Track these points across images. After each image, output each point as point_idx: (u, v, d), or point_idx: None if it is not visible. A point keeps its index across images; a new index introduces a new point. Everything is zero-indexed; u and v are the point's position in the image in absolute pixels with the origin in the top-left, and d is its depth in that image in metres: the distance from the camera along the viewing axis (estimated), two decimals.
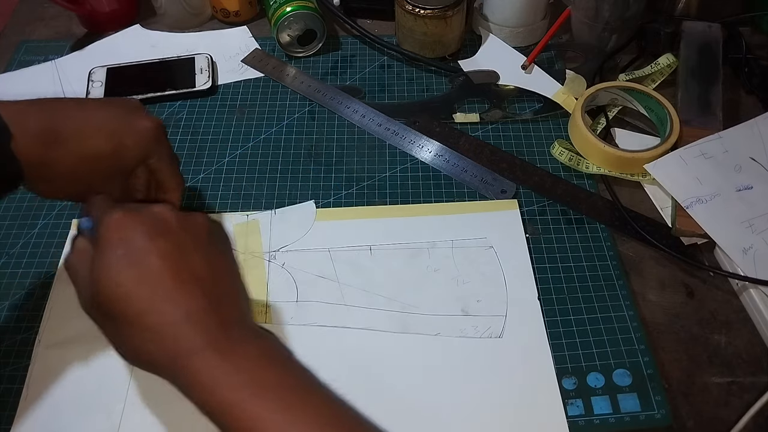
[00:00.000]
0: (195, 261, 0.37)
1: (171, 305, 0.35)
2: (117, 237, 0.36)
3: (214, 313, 0.35)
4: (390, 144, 0.60)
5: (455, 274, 0.50)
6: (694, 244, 0.52)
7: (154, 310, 0.34)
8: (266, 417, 0.33)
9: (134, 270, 0.35)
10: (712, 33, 0.63)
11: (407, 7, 0.64)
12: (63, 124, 0.41)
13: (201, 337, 0.34)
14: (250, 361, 0.35)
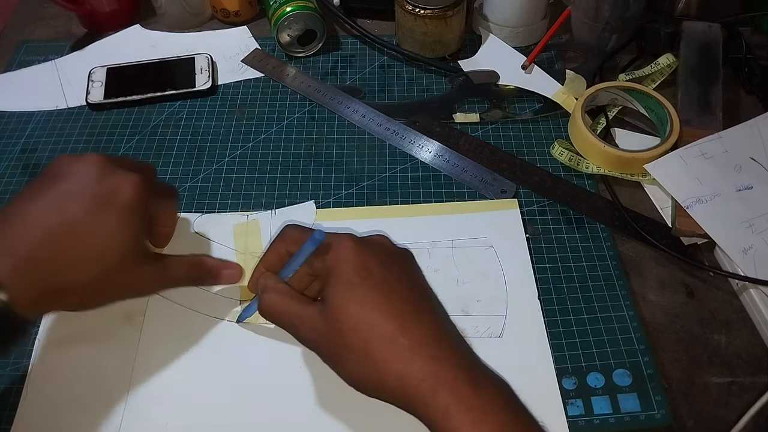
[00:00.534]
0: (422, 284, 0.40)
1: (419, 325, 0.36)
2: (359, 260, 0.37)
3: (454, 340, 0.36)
4: (390, 144, 0.60)
5: (455, 274, 0.50)
6: (694, 244, 0.52)
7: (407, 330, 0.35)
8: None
9: (380, 291, 0.36)
10: (712, 33, 0.63)
11: (407, 7, 0.64)
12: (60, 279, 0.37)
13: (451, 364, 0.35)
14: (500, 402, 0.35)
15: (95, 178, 0.39)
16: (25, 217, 0.37)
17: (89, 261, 0.38)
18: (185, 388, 0.45)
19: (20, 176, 0.58)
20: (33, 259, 0.36)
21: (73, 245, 0.37)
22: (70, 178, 0.39)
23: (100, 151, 0.60)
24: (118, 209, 0.39)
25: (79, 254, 0.37)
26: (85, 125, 0.63)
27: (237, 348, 0.47)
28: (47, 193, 0.38)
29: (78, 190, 0.38)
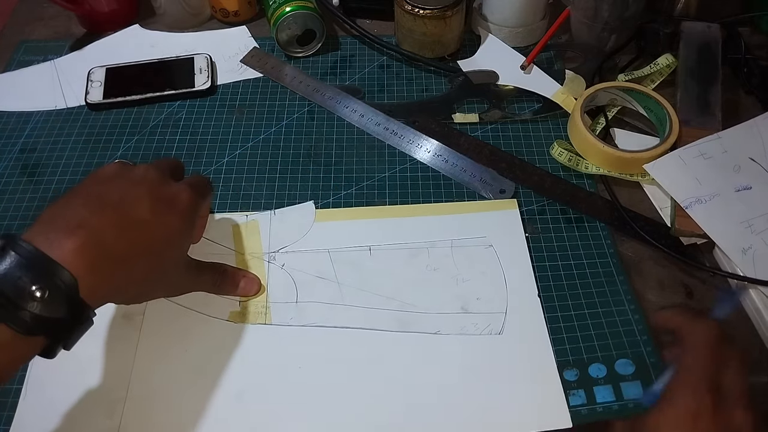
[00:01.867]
0: None
1: None
2: None
3: None
4: (389, 144, 0.60)
5: (455, 273, 0.50)
6: (693, 244, 0.52)
7: None
8: None
9: None
10: (712, 33, 0.63)
11: (406, 7, 0.64)
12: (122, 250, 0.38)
13: None
14: None
15: (158, 184, 0.42)
16: (95, 203, 0.38)
17: (152, 255, 0.40)
18: (184, 388, 0.45)
19: (19, 176, 0.58)
20: (103, 244, 0.37)
21: (140, 239, 0.39)
22: (136, 180, 0.41)
23: (99, 150, 0.60)
24: (179, 214, 0.41)
25: (144, 248, 0.39)
26: (84, 125, 0.62)
27: (236, 348, 0.47)
28: (115, 186, 0.40)
29: (144, 192, 0.40)
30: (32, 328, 0.33)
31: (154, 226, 0.40)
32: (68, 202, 0.39)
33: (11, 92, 0.66)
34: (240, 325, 0.48)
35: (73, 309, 0.35)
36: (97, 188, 0.40)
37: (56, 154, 0.60)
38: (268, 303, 0.49)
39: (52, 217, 0.37)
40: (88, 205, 0.38)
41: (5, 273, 0.33)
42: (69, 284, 0.34)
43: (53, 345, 0.35)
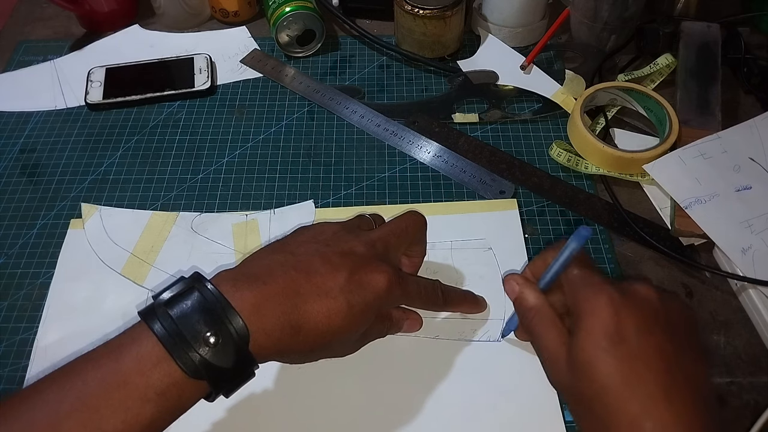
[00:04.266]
0: (687, 360, 0.33)
1: (669, 410, 0.31)
2: (612, 322, 0.33)
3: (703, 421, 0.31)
4: (389, 144, 0.60)
5: (455, 277, 0.50)
6: (692, 244, 0.52)
7: (650, 414, 0.31)
8: None
9: (631, 365, 0.32)
10: (711, 33, 0.63)
11: (406, 7, 0.64)
12: (301, 318, 0.36)
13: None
14: None
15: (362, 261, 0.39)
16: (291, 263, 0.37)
17: (327, 334, 0.37)
18: None
19: (19, 176, 0.58)
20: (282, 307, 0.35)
21: (320, 314, 0.36)
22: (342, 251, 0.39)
23: (99, 151, 0.60)
24: (369, 301, 0.38)
25: (322, 325, 0.36)
26: (84, 125, 0.62)
27: None
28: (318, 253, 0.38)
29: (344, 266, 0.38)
30: (198, 371, 0.32)
31: (338, 305, 0.37)
32: (270, 253, 0.38)
33: (11, 92, 0.66)
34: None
35: (240, 361, 0.34)
36: (303, 247, 0.39)
37: (56, 155, 0.60)
38: None
39: (249, 262, 0.38)
40: (285, 264, 0.37)
41: (186, 314, 0.33)
42: (241, 335, 0.34)
43: (214, 392, 0.34)
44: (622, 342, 0.33)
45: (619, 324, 0.33)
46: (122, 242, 0.53)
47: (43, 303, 0.49)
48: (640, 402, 0.31)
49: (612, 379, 0.32)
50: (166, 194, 0.57)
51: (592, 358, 0.33)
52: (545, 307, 0.38)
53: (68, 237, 0.53)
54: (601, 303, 0.34)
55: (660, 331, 0.34)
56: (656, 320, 0.34)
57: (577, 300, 0.36)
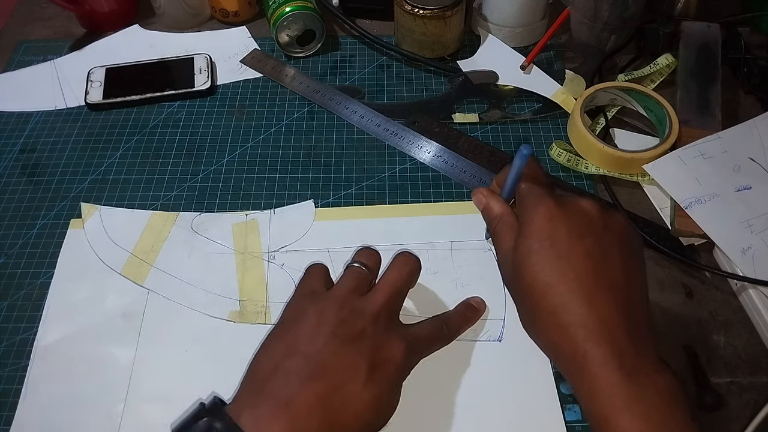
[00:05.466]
0: (615, 267, 0.36)
1: (587, 308, 0.34)
2: (546, 227, 0.36)
3: (626, 327, 0.34)
4: (389, 144, 0.60)
5: (454, 277, 0.50)
6: (692, 244, 0.52)
7: (568, 308, 0.34)
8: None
9: (557, 263, 0.35)
10: (711, 33, 0.63)
11: (406, 7, 0.64)
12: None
13: (609, 349, 0.33)
14: (653, 394, 0.32)
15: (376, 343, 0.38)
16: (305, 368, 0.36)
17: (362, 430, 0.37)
18: (184, 388, 0.45)
19: (19, 176, 0.58)
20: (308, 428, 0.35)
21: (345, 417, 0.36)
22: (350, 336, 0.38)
23: (99, 151, 0.60)
24: (392, 376, 0.38)
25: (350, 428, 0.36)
26: (84, 125, 0.62)
27: (236, 348, 0.47)
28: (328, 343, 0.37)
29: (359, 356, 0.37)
30: None
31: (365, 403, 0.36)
32: (281, 357, 0.37)
33: (11, 92, 0.66)
34: (240, 324, 0.48)
35: None
36: (313, 345, 0.37)
37: (56, 154, 0.60)
38: (267, 303, 0.49)
39: (260, 369, 0.37)
40: (300, 373, 0.36)
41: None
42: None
43: None
44: (552, 245, 0.36)
45: (552, 229, 0.36)
46: (122, 242, 0.53)
47: (43, 303, 0.49)
48: (560, 296, 0.34)
49: (538, 276, 0.35)
50: (166, 194, 0.57)
51: (525, 258, 0.36)
52: (507, 214, 0.41)
53: (68, 237, 0.53)
54: (539, 211, 0.37)
55: (591, 238, 0.36)
56: (590, 228, 0.36)
57: (522, 209, 0.39)
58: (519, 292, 0.37)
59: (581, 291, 0.34)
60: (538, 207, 0.37)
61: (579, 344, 0.33)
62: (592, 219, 0.37)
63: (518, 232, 0.38)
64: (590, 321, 0.34)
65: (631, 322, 0.34)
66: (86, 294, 0.50)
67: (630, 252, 0.37)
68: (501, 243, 0.40)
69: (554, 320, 0.34)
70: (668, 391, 0.33)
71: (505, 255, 0.39)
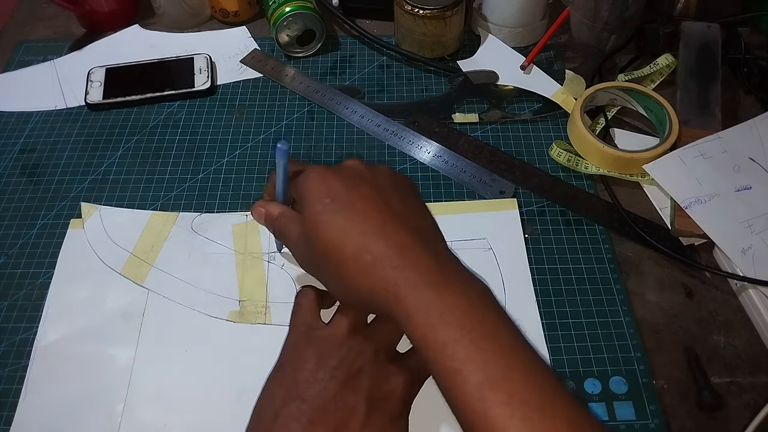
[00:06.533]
0: (394, 201, 0.37)
1: (382, 240, 0.35)
2: (322, 188, 0.38)
3: (425, 248, 0.35)
4: (389, 144, 0.60)
5: None
6: (692, 244, 0.52)
7: (367, 247, 0.35)
8: (473, 365, 0.31)
9: (343, 214, 0.36)
10: (711, 33, 0.63)
11: (406, 7, 0.64)
12: None
13: (414, 271, 0.34)
14: (464, 302, 0.33)
15: (377, 378, 0.38)
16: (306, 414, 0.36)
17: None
18: (184, 388, 0.45)
19: (19, 176, 0.58)
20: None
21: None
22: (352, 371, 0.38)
23: (99, 151, 0.60)
24: (395, 410, 0.38)
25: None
26: (83, 125, 0.62)
27: (236, 348, 0.47)
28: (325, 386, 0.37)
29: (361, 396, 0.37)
30: None
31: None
32: (281, 403, 0.37)
33: (11, 92, 0.66)
34: (240, 325, 0.48)
35: None
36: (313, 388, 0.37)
37: (56, 155, 0.60)
38: (267, 303, 0.49)
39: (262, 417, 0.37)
40: (300, 418, 0.36)
41: None
42: None
43: None
44: (333, 200, 0.37)
45: (328, 186, 0.38)
46: (122, 242, 0.53)
47: (43, 303, 0.49)
48: (355, 241, 0.35)
49: (331, 233, 0.36)
50: (166, 194, 0.57)
51: (313, 222, 0.37)
52: (287, 210, 0.42)
53: (68, 237, 0.53)
54: (310, 177, 0.39)
55: (365, 185, 0.38)
56: (361, 178, 0.39)
57: (297, 189, 0.40)
58: (321, 263, 0.37)
59: (372, 228, 0.35)
60: (309, 175, 0.39)
61: (388, 275, 0.34)
62: (360, 171, 0.39)
63: (301, 210, 0.39)
64: (390, 251, 0.34)
65: (429, 243, 0.36)
66: (86, 294, 0.50)
67: (404, 191, 0.39)
68: (290, 235, 0.41)
69: (358, 265, 0.35)
70: (478, 297, 0.34)
71: (296, 243, 0.40)
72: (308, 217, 0.37)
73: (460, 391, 0.31)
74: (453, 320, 0.32)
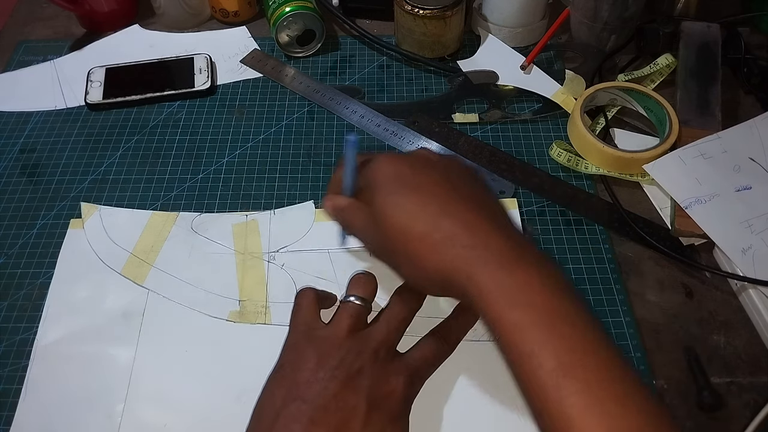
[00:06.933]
0: (461, 184, 0.38)
1: (450, 218, 0.35)
2: (391, 171, 0.38)
3: (497, 229, 0.35)
4: (389, 144, 0.60)
5: None
6: (692, 244, 0.52)
7: (438, 226, 0.35)
8: (548, 350, 0.30)
9: (411, 195, 0.37)
10: (711, 33, 0.63)
11: (406, 7, 0.64)
12: None
13: (484, 250, 0.34)
14: (537, 283, 0.32)
15: (377, 381, 0.38)
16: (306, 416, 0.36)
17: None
18: (184, 388, 0.45)
19: (19, 176, 0.58)
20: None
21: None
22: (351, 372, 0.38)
23: (99, 151, 0.60)
24: (395, 410, 0.38)
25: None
26: (83, 125, 0.62)
27: (236, 348, 0.47)
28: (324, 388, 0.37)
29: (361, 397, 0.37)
30: None
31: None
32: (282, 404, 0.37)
33: (11, 92, 0.66)
34: (240, 325, 0.48)
35: None
36: (313, 388, 0.37)
37: (56, 155, 0.60)
38: (267, 303, 0.49)
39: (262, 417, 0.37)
40: (300, 418, 0.36)
41: None
42: None
43: None
44: (403, 183, 0.37)
45: (398, 171, 0.38)
46: (122, 242, 0.53)
47: (43, 303, 0.49)
48: (425, 220, 0.36)
49: (400, 213, 0.36)
50: (166, 194, 0.57)
51: (382, 205, 0.37)
52: (354, 201, 0.42)
53: (68, 237, 0.53)
54: (380, 163, 0.39)
55: (435, 171, 0.38)
56: (432, 165, 0.39)
57: (366, 176, 0.40)
58: (391, 246, 0.37)
59: (440, 209, 0.36)
60: (378, 161, 0.39)
61: (459, 254, 0.34)
62: (429, 158, 0.40)
63: (371, 196, 0.39)
64: (459, 228, 0.35)
65: (498, 223, 0.36)
66: (86, 294, 0.50)
67: (471, 178, 0.40)
68: (358, 224, 0.41)
69: (428, 244, 0.35)
70: (553, 279, 0.33)
71: (365, 230, 0.40)
72: (378, 200, 0.38)
73: (533, 376, 0.30)
74: (526, 301, 0.32)
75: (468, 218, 0.35)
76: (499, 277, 0.33)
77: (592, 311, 0.33)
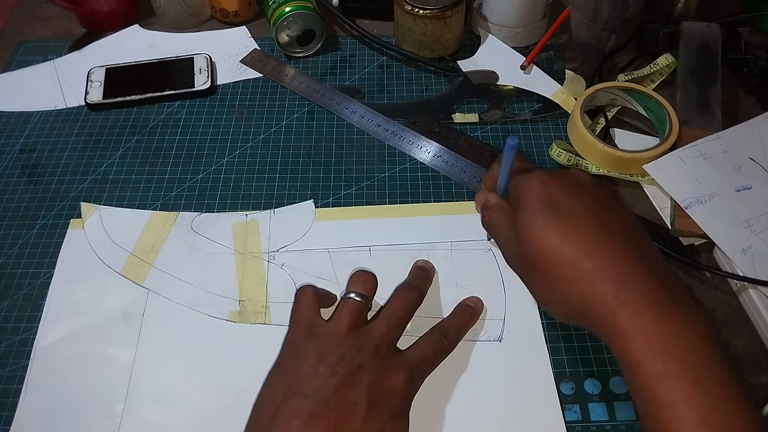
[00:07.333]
0: (620, 218, 0.37)
1: (604, 250, 0.34)
2: (544, 192, 0.37)
3: (646, 265, 0.34)
4: (389, 144, 0.60)
5: (454, 277, 0.50)
6: (692, 244, 0.52)
7: (589, 254, 0.34)
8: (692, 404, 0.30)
9: (564, 219, 0.36)
10: (711, 33, 0.63)
11: (406, 7, 0.64)
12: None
13: (636, 289, 0.33)
14: (687, 333, 0.31)
15: (378, 376, 0.39)
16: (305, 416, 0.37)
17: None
18: (184, 388, 0.45)
19: (19, 176, 0.58)
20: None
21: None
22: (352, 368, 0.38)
23: (99, 151, 0.60)
24: (396, 406, 0.39)
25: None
26: (83, 125, 0.62)
27: (236, 348, 0.47)
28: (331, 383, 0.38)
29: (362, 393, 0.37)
30: None
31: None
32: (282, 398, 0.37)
33: (11, 92, 0.66)
34: (240, 325, 0.48)
35: None
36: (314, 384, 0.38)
37: (56, 155, 0.60)
38: (267, 303, 0.49)
39: (262, 411, 0.37)
40: (301, 413, 0.36)
41: None
42: None
43: None
44: (554, 206, 0.37)
45: (551, 193, 0.37)
46: (122, 242, 0.53)
47: (43, 303, 0.49)
48: (576, 246, 0.35)
49: (548, 236, 0.36)
50: (166, 194, 0.57)
51: (530, 224, 0.37)
52: (502, 203, 0.42)
53: (68, 237, 0.53)
54: (533, 181, 0.39)
55: (589, 197, 0.38)
56: (586, 190, 0.38)
57: (517, 188, 0.40)
58: (530, 263, 0.37)
59: (596, 238, 0.35)
60: (532, 179, 0.39)
61: (607, 288, 0.33)
62: (585, 182, 0.39)
63: (517, 208, 0.39)
64: (611, 261, 0.34)
65: (654, 266, 0.34)
66: (86, 294, 0.50)
67: (625, 210, 0.39)
68: (500, 228, 0.41)
69: (576, 271, 0.34)
70: (703, 329, 0.32)
71: (506, 237, 0.40)
72: (526, 217, 0.37)
73: (672, 428, 0.30)
74: (675, 352, 0.31)
75: (621, 252, 0.34)
76: (648, 322, 0.32)
77: (735, 365, 0.32)
